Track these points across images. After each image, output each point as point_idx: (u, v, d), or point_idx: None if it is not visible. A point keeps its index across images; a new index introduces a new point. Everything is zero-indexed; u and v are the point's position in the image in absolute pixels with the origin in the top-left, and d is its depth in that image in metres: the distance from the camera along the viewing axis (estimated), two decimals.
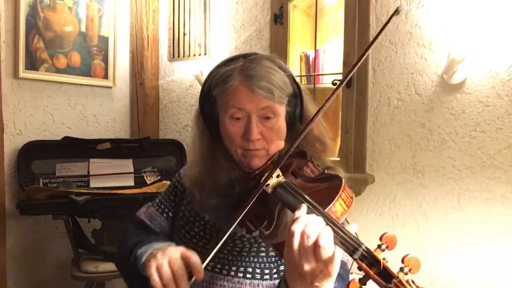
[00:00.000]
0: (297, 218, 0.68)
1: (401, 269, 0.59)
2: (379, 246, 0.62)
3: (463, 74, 1.75)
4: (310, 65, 2.26)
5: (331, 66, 2.19)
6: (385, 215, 1.97)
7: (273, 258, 0.91)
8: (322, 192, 0.76)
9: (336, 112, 2.09)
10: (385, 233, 0.63)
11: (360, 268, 0.61)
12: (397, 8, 0.81)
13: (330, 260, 0.63)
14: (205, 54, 2.64)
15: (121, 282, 2.86)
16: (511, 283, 1.68)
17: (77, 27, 2.50)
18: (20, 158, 2.23)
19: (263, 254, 0.91)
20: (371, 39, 2.00)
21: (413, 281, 0.57)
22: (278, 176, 0.82)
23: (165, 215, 1.07)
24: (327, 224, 0.67)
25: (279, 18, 2.23)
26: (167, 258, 0.76)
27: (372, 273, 0.60)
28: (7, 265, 2.22)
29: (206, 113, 0.95)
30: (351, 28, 2.00)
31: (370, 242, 0.61)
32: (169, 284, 0.73)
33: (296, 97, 0.92)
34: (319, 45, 2.22)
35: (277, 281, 0.89)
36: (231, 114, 0.88)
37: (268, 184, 0.80)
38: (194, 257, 0.75)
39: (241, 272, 0.90)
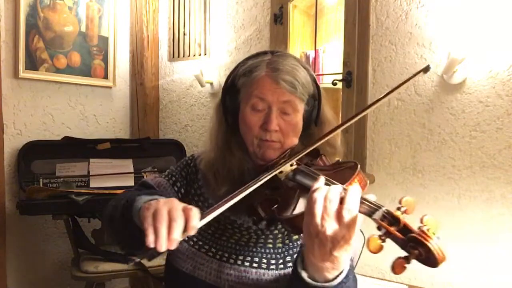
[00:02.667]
0: (317, 187, 0.69)
1: (419, 228, 0.61)
2: (398, 208, 0.63)
3: (463, 74, 1.75)
4: (310, 65, 2.26)
5: (331, 66, 2.20)
6: None
7: (280, 249, 0.93)
8: (338, 173, 0.78)
9: (336, 112, 2.09)
10: (404, 196, 0.64)
11: (379, 228, 0.63)
12: (427, 66, 0.89)
13: (353, 222, 0.65)
14: (205, 54, 2.64)
15: (121, 282, 2.87)
16: (511, 283, 1.68)
17: (77, 27, 2.51)
18: (20, 158, 2.23)
19: (270, 245, 0.94)
20: (371, 39, 2.00)
21: (434, 233, 0.59)
22: (292, 165, 0.85)
23: (176, 188, 1.05)
24: None
25: (279, 18, 2.23)
26: (167, 206, 0.71)
27: (391, 229, 0.61)
28: (7, 265, 2.22)
29: (227, 104, 0.98)
30: (351, 28, 2.00)
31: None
32: (161, 229, 0.66)
33: (315, 99, 0.96)
34: (319, 45, 2.22)
35: (282, 271, 0.91)
36: (253, 104, 0.92)
37: (281, 172, 0.83)
38: (194, 213, 0.70)
39: (247, 261, 0.92)
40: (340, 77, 2.06)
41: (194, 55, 2.70)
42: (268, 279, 0.90)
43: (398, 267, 0.59)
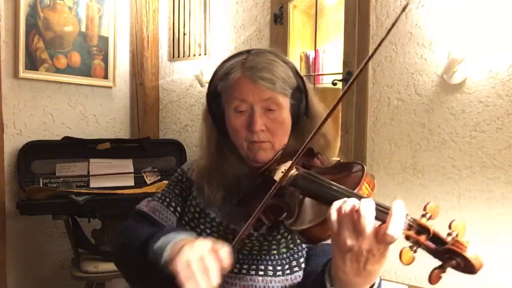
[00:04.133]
0: (343, 201, 0.64)
1: (449, 234, 0.59)
2: (423, 215, 0.61)
3: (463, 74, 1.75)
4: (310, 65, 2.26)
5: (331, 66, 2.20)
6: None
7: (285, 255, 0.90)
8: (344, 177, 0.75)
9: (336, 112, 2.08)
10: (428, 202, 0.62)
11: (408, 238, 0.60)
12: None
13: (393, 241, 0.60)
14: (205, 54, 2.64)
15: (121, 282, 2.87)
16: (511, 283, 1.68)
17: (77, 27, 2.50)
18: (20, 158, 2.23)
19: (275, 251, 0.91)
20: (371, 39, 2.00)
21: (467, 242, 0.58)
22: (291, 168, 0.81)
23: (171, 208, 1.02)
24: None
25: (279, 18, 2.23)
26: (196, 252, 0.68)
27: (422, 240, 0.59)
28: (7, 265, 2.22)
29: (213, 111, 0.96)
30: (351, 28, 2.00)
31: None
32: (201, 282, 0.65)
33: (300, 91, 0.93)
34: (319, 45, 2.22)
35: (289, 276, 0.88)
36: (235, 107, 0.90)
37: (285, 177, 0.79)
38: (224, 252, 0.69)
39: (253, 270, 0.90)
40: (340, 77, 2.06)
41: (194, 55, 2.70)
42: (275, 286, 0.88)
43: (435, 278, 0.58)
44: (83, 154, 2.38)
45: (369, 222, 0.61)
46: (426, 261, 0.64)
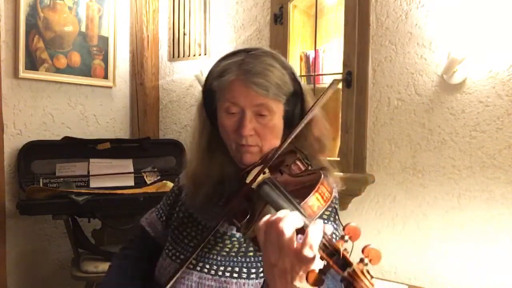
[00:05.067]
0: (278, 217, 0.64)
1: (361, 260, 0.57)
2: (342, 237, 0.60)
3: (463, 74, 1.75)
4: (310, 65, 2.26)
5: (331, 66, 2.19)
6: (385, 215, 1.97)
7: (260, 257, 0.90)
8: (304, 187, 0.75)
9: (336, 112, 2.09)
10: (348, 223, 0.60)
11: (322, 258, 0.60)
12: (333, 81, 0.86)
13: (313, 258, 0.60)
14: (205, 54, 2.64)
15: None
16: (511, 283, 1.68)
17: (77, 27, 2.50)
18: (20, 158, 2.23)
19: (251, 253, 0.91)
20: (371, 39, 2.00)
21: (368, 271, 0.55)
22: (264, 173, 0.81)
23: (161, 219, 1.10)
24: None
25: (279, 18, 2.23)
26: None
27: (331, 262, 0.58)
28: (7, 265, 2.22)
29: (207, 105, 0.96)
30: (351, 28, 2.00)
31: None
32: None
33: (296, 96, 0.92)
34: (319, 45, 2.22)
35: (262, 280, 0.88)
36: (226, 108, 0.89)
37: (254, 181, 0.79)
38: None
39: (228, 271, 0.89)
40: (340, 77, 2.06)
41: (194, 55, 2.70)
42: None
43: None
44: (83, 154, 2.38)
45: (286, 239, 0.60)
46: (427, 261, 0.64)
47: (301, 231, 0.63)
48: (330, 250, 0.59)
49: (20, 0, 2.22)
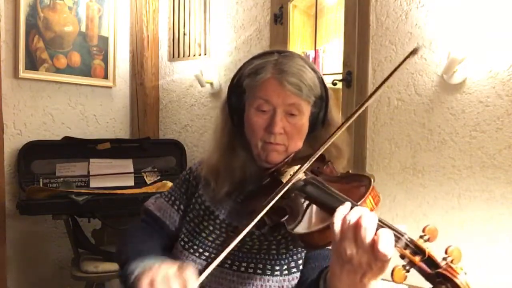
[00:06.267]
0: (349, 211, 0.65)
1: (444, 259, 0.59)
2: (421, 237, 0.62)
3: (463, 74, 1.75)
4: None
5: (331, 66, 2.20)
6: (385, 215, 1.97)
7: (284, 255, 0.91)
8: (351, 189, 0.76)
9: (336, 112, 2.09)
10: (427, 225, 0.62)
11: (402, 257, 0.61)
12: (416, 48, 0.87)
13: (388, 259, 0.60)
14: (205, 54, 2.64)
15: None
16: (511, 283, 1.68)
17: (77, 27, 2.51)
18: (20, 158, 2.23)
19: (274, 251, 0.91)
20: (371, 39, 2.00)
21: (461, 268, 0.57)
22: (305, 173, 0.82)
23: (175, 207, 1.06)
24: None
25: (279, 18, 2.23)
26: (161, 272, 0.72)
27: (416, 261, 0.59)
28: (7, 265, 2.22)
29: (232, 103, 0.97)
30: (351, 28, 2.00)
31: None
32: None
33: (322, 100, 0.95)
34: (319, 45, 2.22)
35: (286, 277, 0.89)
36: (258, 106, 0.91)
37: (289, 181, 0.80)
38: (189, 275, 0.71)
39: (251, 268, 0.90)
40: (340, 77, 2.06)
41: (194, 55, 2.70)
42: (272, 285, 0.88)
43: None
44: (83, 154, 2.38)
45: (369, 234, 0.61)
46: None
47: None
48: (413, 249, 0.61)
49: (20, 0, 2.22)
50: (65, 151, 2.35)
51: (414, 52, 0.87)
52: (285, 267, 0.90)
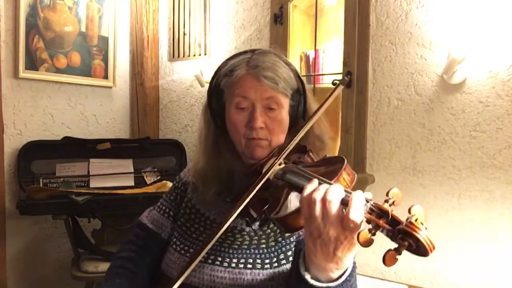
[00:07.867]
0: (314, 188, 0.68)
1: (407, 218, 0.61)
2: (386, 201, 0.64)
3: (463, 74, 1.75)
4: (310, 65, 2.26)
5: (331, 66, 2.20)
6: None
7: (273, 248, 0.93)
8: (327, 170, 0.79)
9: (336, 112, 2.09)
10: (391, 188, 0.64)
11: (368, 222, 0.63)
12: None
13: (357, 225, 0.63)
14: (205, 54, 2.64)
15: None
16: (511, 283, 1.68)
17: (77, 27, 2.51)
18: (20, 158, 2.23)
19: (263, 245, 0.93)
20: (371, 39, 2.00)
21: (422, 223, 0.59)
22: (280, 164, 0.85)
23: (166, 215, 1.09)
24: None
25: (279, 18, 2.23)
26: None
27: (381, 223, 0.62)
28: (7, 265, 2.22)
29: (213, 106, 0.99)
30: (351, 28, 2.00)
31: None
32: None
33: (299, 93, 0.96)
34: (319, 45, 2.22)
35: (277, 269, 0.90)
36: (237, 103, 0.92)
37: (269, 171, 0.83)
38: None
39: (241, 263, 0.92)
40: (340, 77, 2.06)
41: (194, 55, 2.70)
42: (263, 278, 0.90)
43: (389, 259, 0.59)
44: (83, 154, 2.38)
45: (334, 206, 0.64)
46: (427, 261, 0.64)
47: (343, 201, 0.66)
48: (377, 213, 0.63)
49: (20, 0, 2.22)
50: (65, 151, 2.34)
51: (342, 83, 0.91)
52: (275, 259, 0.92)
